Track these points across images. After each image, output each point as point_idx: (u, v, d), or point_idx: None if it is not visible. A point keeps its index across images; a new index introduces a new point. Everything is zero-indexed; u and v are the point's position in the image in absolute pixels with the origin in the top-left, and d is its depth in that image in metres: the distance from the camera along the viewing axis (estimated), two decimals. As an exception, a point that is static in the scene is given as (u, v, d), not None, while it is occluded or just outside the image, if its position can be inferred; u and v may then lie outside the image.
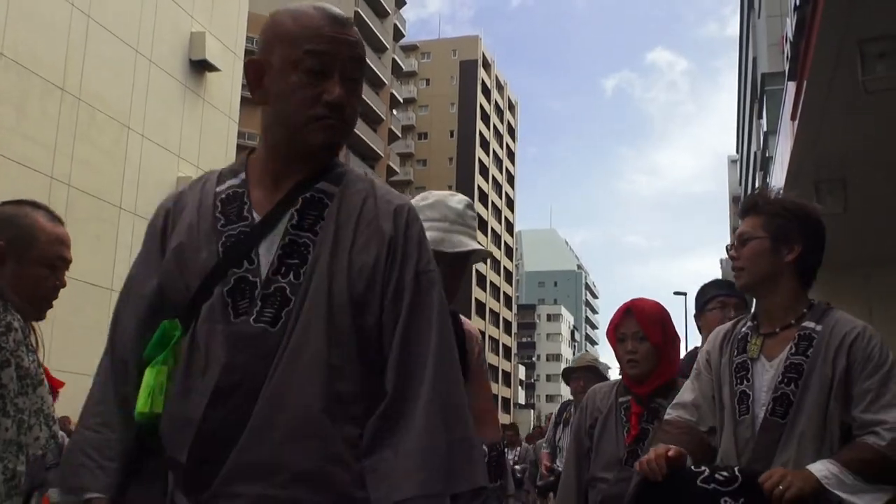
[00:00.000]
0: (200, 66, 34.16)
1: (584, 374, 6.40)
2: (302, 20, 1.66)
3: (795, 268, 2.55)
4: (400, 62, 72.43)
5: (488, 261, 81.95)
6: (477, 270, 78.60)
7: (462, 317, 2.56)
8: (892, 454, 2.24)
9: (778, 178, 9.04)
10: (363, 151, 61.04)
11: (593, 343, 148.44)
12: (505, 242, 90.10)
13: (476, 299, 77.96)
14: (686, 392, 2.67)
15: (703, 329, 3.82)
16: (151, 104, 31.65)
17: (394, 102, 69.54)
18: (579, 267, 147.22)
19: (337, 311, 1.59)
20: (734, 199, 71.30)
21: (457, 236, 2.46)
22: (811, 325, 2.48)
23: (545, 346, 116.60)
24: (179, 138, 32.55)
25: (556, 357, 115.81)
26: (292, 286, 1.59)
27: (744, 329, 2.62)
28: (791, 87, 7.46)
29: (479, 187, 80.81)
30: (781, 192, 2.75)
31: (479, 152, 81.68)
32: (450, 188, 77.28)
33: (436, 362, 1.58)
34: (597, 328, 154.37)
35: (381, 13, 64.88)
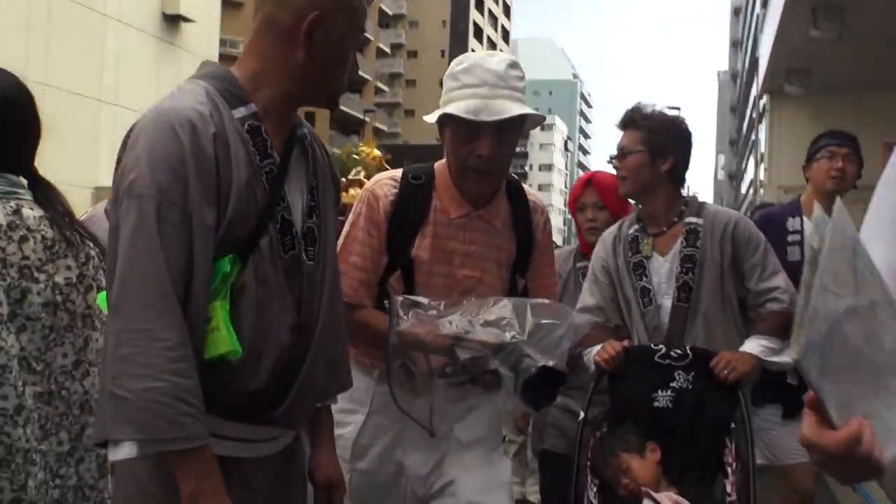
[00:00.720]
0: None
1: None
2: None
3: (671, 175, 2.92)
4: None
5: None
6: (471, 79, 77.28)
7: (526, 187, 2.55)
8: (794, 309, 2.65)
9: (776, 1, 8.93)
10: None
11: (585, 153, 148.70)
12: (500, 51, 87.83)
13: (470, 109, 77.15)
14: (587, 297, 3.01)
15: (810, 180, 3.76)
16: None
17: None
18: (575, 76, 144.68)
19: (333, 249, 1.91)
20: (735, 11, 69.45)
21: (499, 101, 2.22)
22: (693, 219, 2.88)
23: (538, 155, 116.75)
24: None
25: (549, 167, 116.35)
26: (318, 227, 1.79)
27: (631, 231, 2.97)
28: None
29: (475, -9, 78.07)
30: (655, 107, 3.03)
31: (476, -47, 78.22)
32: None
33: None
34: (590, 138, 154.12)
35: None
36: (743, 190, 45.47)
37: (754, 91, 26.05)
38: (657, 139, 2.89)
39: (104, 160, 30.56)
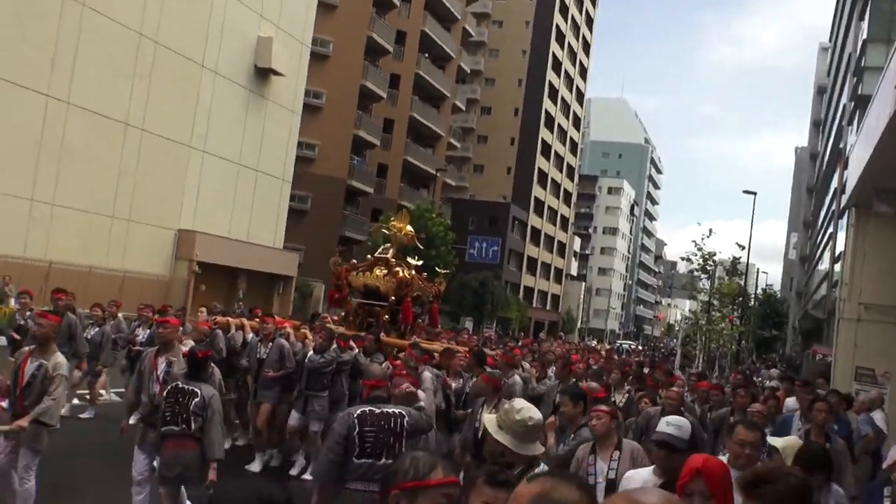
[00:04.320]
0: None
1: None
2: None
3: None
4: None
5: (554, 129, 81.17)
6: (542, 140, 78.00)
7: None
8: None
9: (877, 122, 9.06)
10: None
11: (652, 219, 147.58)
12: (574, 112, 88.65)
13: (539, 168, 77.77)
14: None
15: None
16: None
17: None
18: (646, 140, 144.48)
19: None
20: (819, 90, 68.89)
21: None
22: None
23: (603, 218, 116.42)
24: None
25: (613, 231, 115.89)
26: None
27: None
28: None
29: (553, 53, 78.97)
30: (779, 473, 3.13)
31: (557, 17, 79.29)
32: (523, 52, 75.70)
33: None
34: (657, 204, 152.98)
35: None
36: (813, 285, 44.39)
37: (834, 182, 25.81)
38: None
39: (188, 204, 31.96)
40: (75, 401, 12.41)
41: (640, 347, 65.32)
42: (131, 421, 7.63)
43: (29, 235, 24.71)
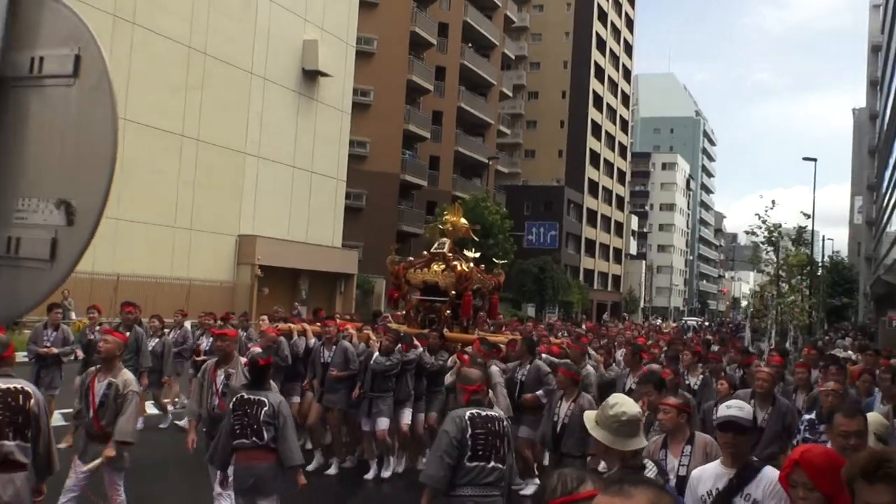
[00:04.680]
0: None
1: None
2: None
3: None
4: None
5: (603, 109, 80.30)
6: (592, 120, 77.25)
7: None
8: None
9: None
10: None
11: (708, 192, 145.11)
12: (621, 90, 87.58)
13: (590, 149, 77.06)
14: None
15: None
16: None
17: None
18: (697, 113, 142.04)
19: None
20: (873, 48, 66.78)
21: None
22: None
23: (659, 195, 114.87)
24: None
25: (670, 206, 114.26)
26: None
27: None
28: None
29: (596, 33, 78.11)
30: None
31: (599, -5, 78.43)
32: (566, 34, 75.01)
33: None
34: (713, 177, 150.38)
35: None
36: (883, 249, 43.18)
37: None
38: None
39: (247, 210, 32.42)
40: (152, 411, 12.73)
41: (705, 323, 64.27)
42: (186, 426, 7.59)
43: (96, 251, 25.40)
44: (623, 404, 4.07)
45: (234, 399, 6.40)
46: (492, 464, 5.21)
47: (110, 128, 1.61)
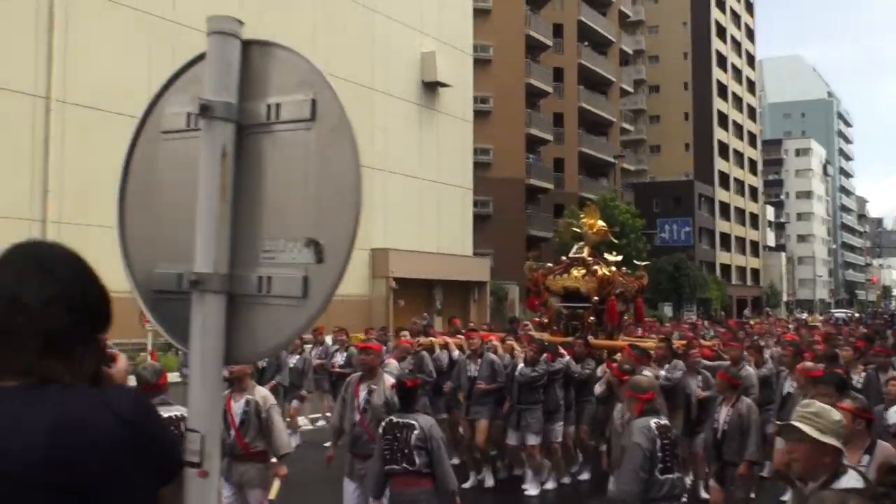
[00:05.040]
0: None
1: None
2: None
3: None
4: None
5: (728, 98, 77.62)
6: (718, 111, 74.86)
7: None
8: None
9: None
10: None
11: (848, 176, 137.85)
12: (746, 77, 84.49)
13: (718, 140, 74.68)
14: None
15: None
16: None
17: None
18: (829, 94, 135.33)
19: None
20: None
21: None
22: None
23: (794, 182, 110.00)
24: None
25: (807, 194, 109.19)
26: None
27: None
28: None
29: (715, 20, 75.71)
30: None
31: (717, -19, 76.02)
32: (684, 24, 73.00)
33: None
34: (851, 160, 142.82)
35: None
36: None
37: None
38: None
39: (377, 223, 33.02)
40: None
41: (856, 315, 60.82)
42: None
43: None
44: (831, 408, 3.79)
45: (383, 424, 6.28)
46: (676, 474, 5.06)
47: (353, 166, 1.67)
